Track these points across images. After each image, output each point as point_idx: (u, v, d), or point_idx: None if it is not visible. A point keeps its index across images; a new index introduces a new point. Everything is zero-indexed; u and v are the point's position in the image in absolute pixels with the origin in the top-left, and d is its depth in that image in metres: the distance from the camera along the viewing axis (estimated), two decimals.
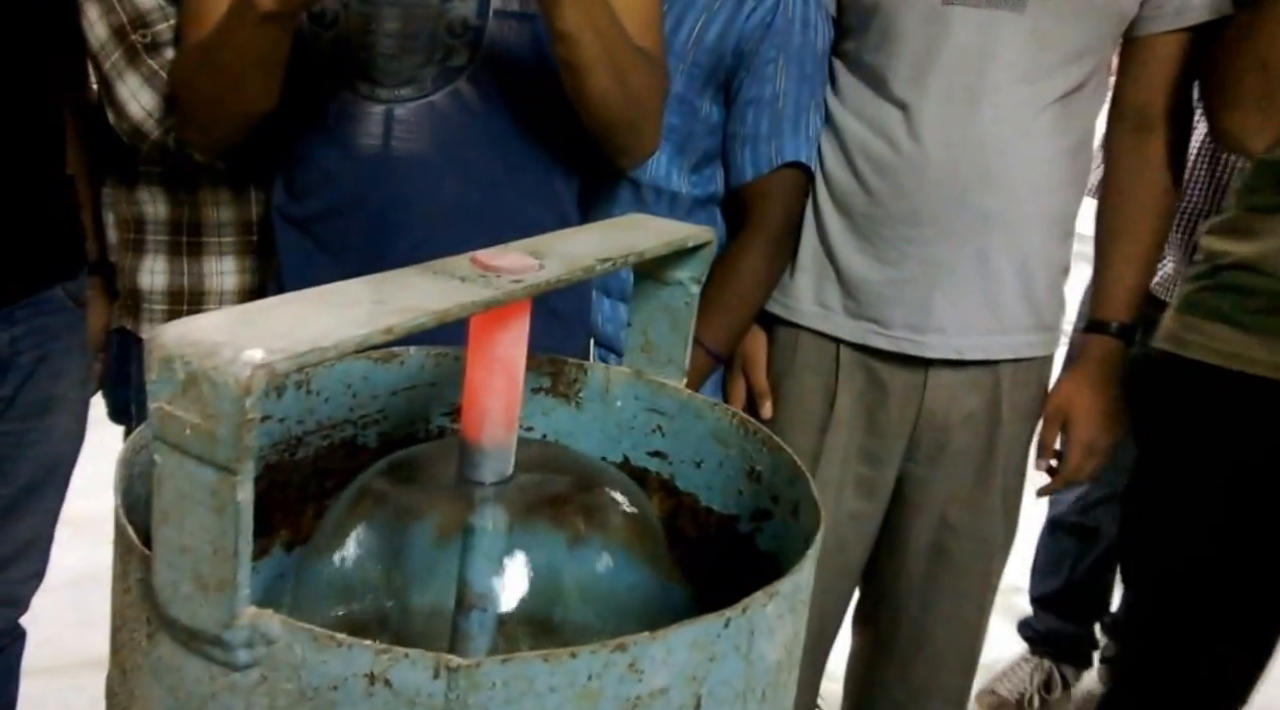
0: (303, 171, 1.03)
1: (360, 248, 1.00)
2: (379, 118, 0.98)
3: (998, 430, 1.26)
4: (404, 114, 0.98)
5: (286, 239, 1.06)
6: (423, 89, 0.98)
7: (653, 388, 0.67)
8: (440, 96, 0.98)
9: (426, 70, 0.97)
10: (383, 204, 0.99)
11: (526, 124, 1.01)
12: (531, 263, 0.48)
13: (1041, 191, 1.19)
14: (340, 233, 1.01)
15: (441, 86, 0.98)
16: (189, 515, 0.37)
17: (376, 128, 0.98)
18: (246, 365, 0.33)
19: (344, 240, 1.01)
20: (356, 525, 0.56)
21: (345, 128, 0.99)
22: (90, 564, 1.40)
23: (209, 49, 0.91)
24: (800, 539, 0.52)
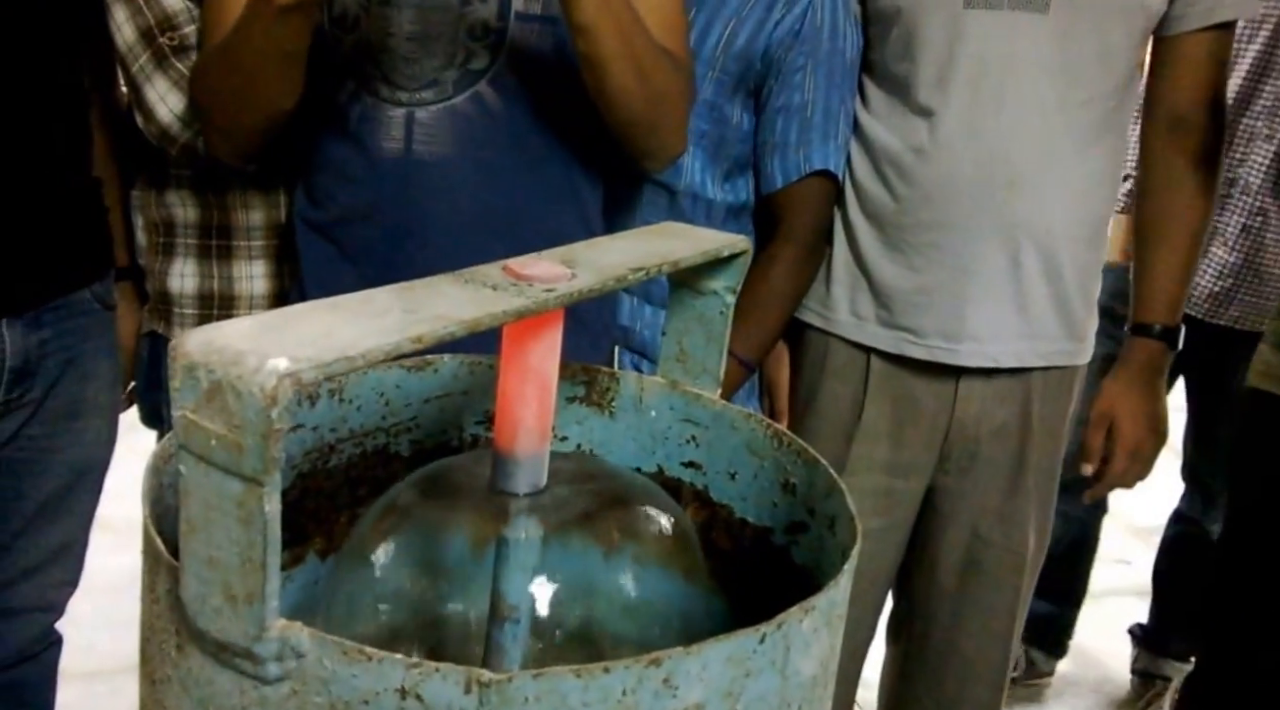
0: (324, 176, 1.03)
1: (382, 252, 1.01)
2: (400, 121, 0.98)
3: (1028, 441, 1.25)
4: (425, 117, 0.98)
5: (308, 244, 1.06)
6: (444, 92, 0.98)
7: (687, 398, 0.66)
8: (462, 100, 0.98)
9: (448, 73, 0.97)
10: (404, 208, 0.99)
11: (549, 127, 1.01)
12: (564, 271, 0.48)
13: (1072, 196, 1.18)
14: (361, 237, 1.01)
15: (463, 90, 0.98)
16: (216, 527, 0.36)
17: (398, 131, 0.98)
18: (272, 375, 0.33)
19: (365, 245, 1.01)
20: (390, 535, 0.56)
21: (366, 131, 0.99)
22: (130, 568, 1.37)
23: (229, 47, 0.91)
24: (837, 553, 0.51)
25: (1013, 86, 1.14)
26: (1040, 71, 1.13)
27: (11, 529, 1.14)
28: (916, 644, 1.34)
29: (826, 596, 0.42)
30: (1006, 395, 1.23)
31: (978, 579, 1.28)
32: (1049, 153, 1.15)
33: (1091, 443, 1.25)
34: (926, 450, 1.26)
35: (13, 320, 1.04)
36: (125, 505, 1.36)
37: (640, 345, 1.22)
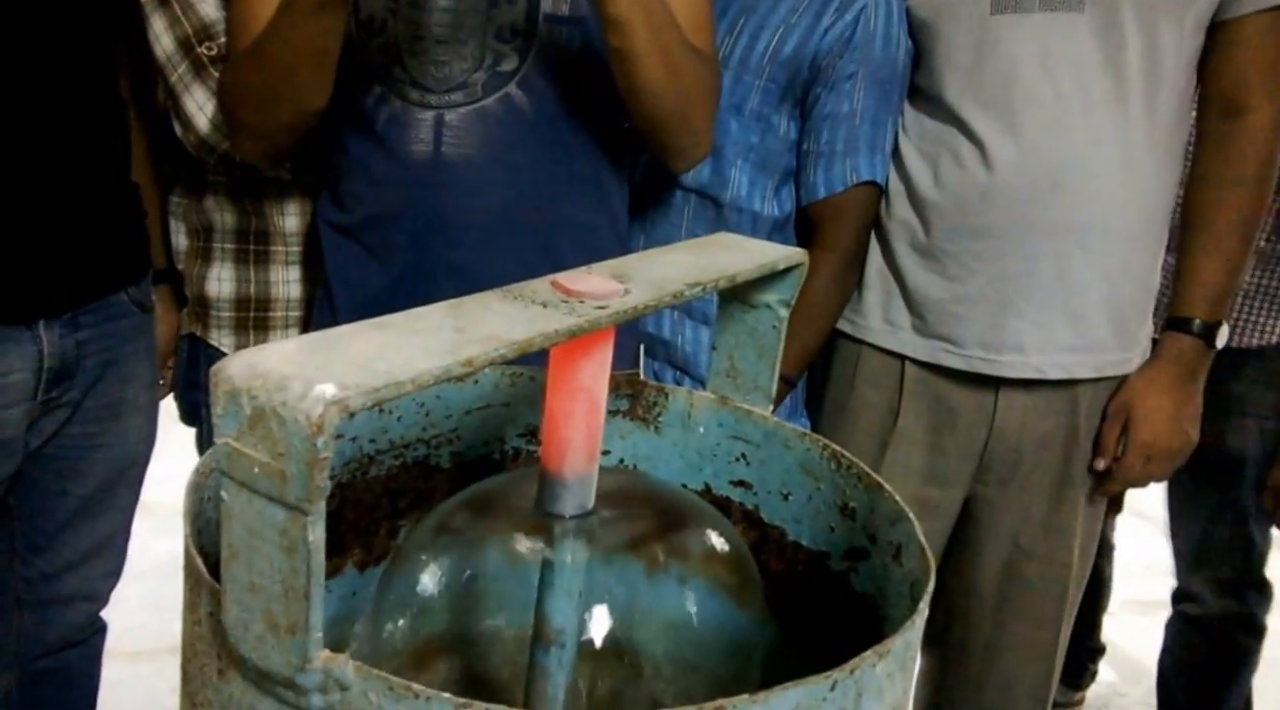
0: (350, 179, 1.03)
1: (410, 253, 1.00)
2: (429, 124, 0.97)
3: (1074, 452, 1.20)
4: (454, 120, 0.97)
5: (333, 247, 1.06)
6: (473, 94, 0.97)
7: (737, 414, 0.64)
8: (491, 102, 0.97)
9: (476, 75, 0.96)
10: (433, 210, 0.98)
11: (577, 128, 1.00)
12: (616, 287, 0.46)
13: (1126, 196, 1.13)
14: (390, 239, 1.00)
15: (492, 92, 0.97)
16: (257, 554, 0.35)
17: (427, 134, 0.97)
18: (318, 402, 0.31)
19: (393, 247, 1.00)
20: (436, 554, 0.55)
21: (394, 134, 0.98)
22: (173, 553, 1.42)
23: (262, 46, 0.90)
24: (905, 584, 0.49)
25: (1050, 88, 1.09)
26: (1080, 70, 1.09)
27: (56, 523, 1.17)
28: (955, 654, 1.30)
29: (902, 639, 0.40)
30: (1051, 406, 1.19)
31: (1020, 591, 1.24)
32: (1096, 153, 1.11)
33: (1106, 436, 1.20)
34: (965, 460, 1.22)
35: (50, 322, 1.05)
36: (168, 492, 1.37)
37: (682, 361, 1.19)
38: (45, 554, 1.18)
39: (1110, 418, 1.20)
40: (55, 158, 1.02)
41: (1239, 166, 1.14)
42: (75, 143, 1.05)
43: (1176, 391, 1.17)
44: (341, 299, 1.06)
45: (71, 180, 1.05)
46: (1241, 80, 1.13)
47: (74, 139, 1.04)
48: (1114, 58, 1.09)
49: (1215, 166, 1.15)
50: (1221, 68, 1.14)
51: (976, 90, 1.12)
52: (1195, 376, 1.18)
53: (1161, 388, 1.17)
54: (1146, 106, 1.12)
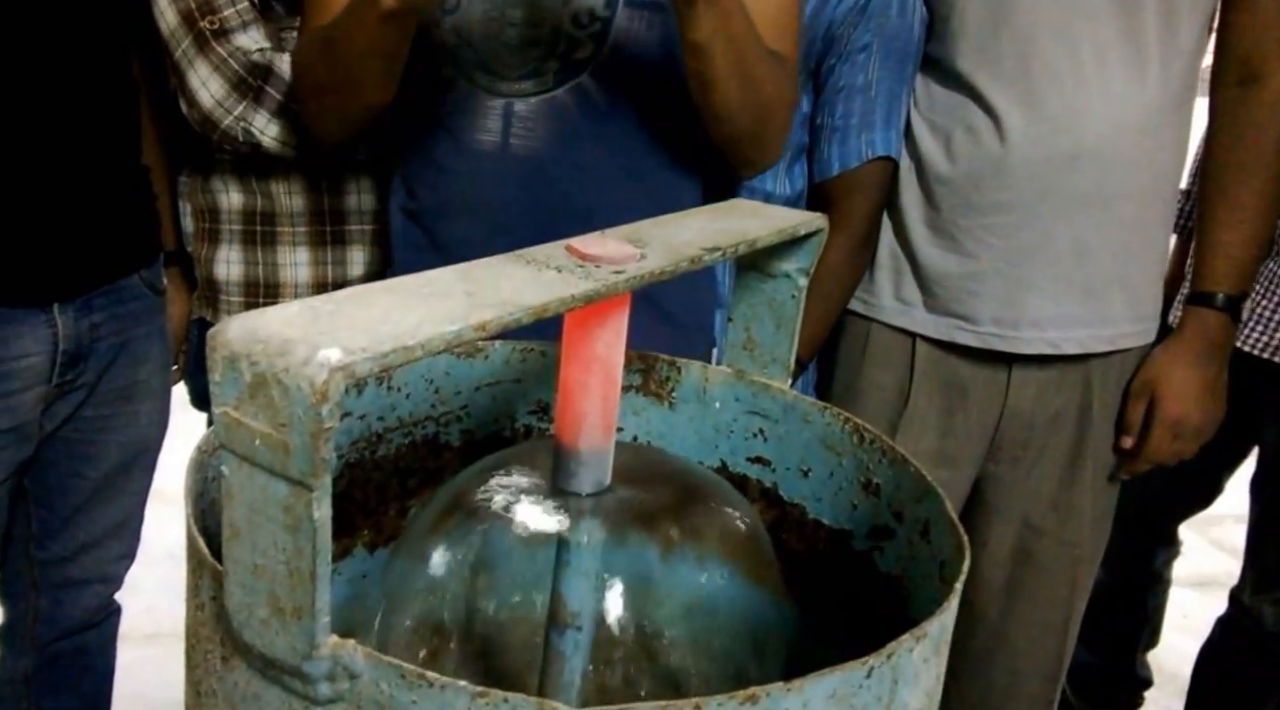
0: (418, 164, 1.00)
1: (473, 244, 0.96)
2: (498, 113, 0.93)
3: (1088, 428, 1.18)
4: (524, 110, 0.93)
5: (399, 232, 1.03)
6: (544, 84, 0.92)
7: (755, 389, 0.62)
8: (563, 92, 0.92)
9: (549, 64, 0.92)
10: (499, 202, 0.94)
11: (651, 124, 0.95)
12: (632, 252, 0.44)
13: (1139, 168, 1.11)
14: (454, 228, 0.97)
15: (564, 81, 0.92)
16: (260, 532, 0.33)
17: (495, 123, 0.93)
18: (322, 367, 0.29)
19: (457, 236, 0.97)
20: (447, 533, 0.53)
21: (462, 123, 0.95)
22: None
23: (329, 42, 0.88)
24: (935, 564, 0.47)
25: (1068, 58, 1.07)
26: (1098, 39, 1.06)
27: (71, 505, 1.17)
28: (963, 634, 1.28)
29: (938, 622, 0.38)
30: (1065, 381, 1.17)
31: (1030, 571, 1.22)
32: (1115, 124, 1.08)
33: (1131, 414, 1.17)
34: (977, 439, 1.20)
35: (64, 305, 1.05)
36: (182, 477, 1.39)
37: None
38: (60, 537, 1.18)
39: (1134, 395, 1.18)
40: (67, 141, 1.02)
41: (1256, 137, 1.11)
42: (86, 126, 1.04)
43: (1204, 367, 1.15)
44: None
45: (83, 163, 1.04)
46: (1258, 46, 1.10)
47: (85, 122, 1.04)
48: (1131, 25, 1.07)
49: (1231, 137, 1.13)
50: (1237, 34, 1.11)
51: (992, 61, 1.09)
52: (1222, 350, 1.16)
53: (1188, 363, 1.15)
54: (1162, 73, 1.09)
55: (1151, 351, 1.19)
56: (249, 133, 1.06)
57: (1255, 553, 1.63)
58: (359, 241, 1.21)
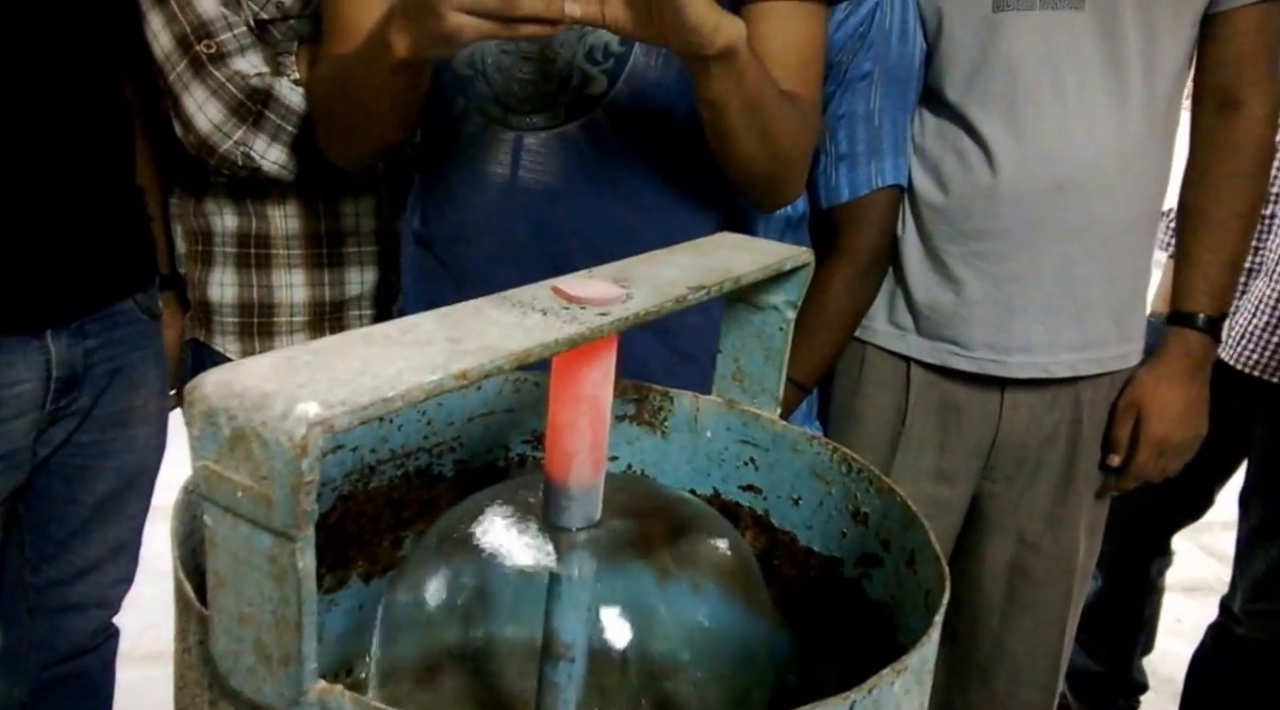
0: (432, 192, 1.00)
1: (482, 275, 0.96)
2: (509, 145, 0.93)
3: (1079, 447, 1.21)
4: (534, 143, 0.92)
5: (411, 257, 1.03)
6: (556, 118, 0.92)
7: (745, 418, 0.62)
8: (574, 127, 0.92)
9: (561, 98, 0.91)
10: (508, 234, 0.94)
11: (664, 160, 0.94)
12: (618, 292, 0.44)
13: (1126, 194, 1.13)
14: (464, 257, 0.97)
15: (576, 116, 0.91)
16: (245, 582, 0.33)
17: (505, 156, 0.93)
18: (300, 422, 0.30)
19: (467, 265, 0.97)
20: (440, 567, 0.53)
21: (474, 153, 0.94)
22: None
23: (345, 77, 0.87)
24: (919, 593, 0.47)
25: (1054, 86, 1.08)
26: (1082, 69, 1.08)
27: (67, 531, 1.17)
28: (964, 645, 1.31)
29: (919, 654, 0.38)
30: (1056, 402, 1.19)
31: (1026, 585, 1.25)
32: (1100, 152, 1.10)
33: (1117, 433, 1.20)
34: (972, 458, 1.22)
35: (57, 331, 1.04)
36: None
37: None
38: (56, 562, 1.18)
39: (1120, 414, 1.20)
40: (61, 165, 1.02)
41: (1235, 161, 1.14)
42: (81, 149, 1.04)
43: (1187, 385, 1.17)
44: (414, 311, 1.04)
45: (78, 188, 1.04)
46: (1236, 73, 1.13)
47: (79, 146, 1.04)
48: (1114, 54, 1.09)
49: (1212, 161, 1.15)
50: (1216, 61, 1.14)
51: (980, 89, 1.11)
52: (1203, 369, 1.18)
53: (1171, 383, 1.17)
54: (1145, 100, 1.11)
55: (1136, 372, 1.20)
56: (249, 157, 1.07)
57: (1244, 564, 1.65)
58: (356, 263, 1.21)
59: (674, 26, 0.71)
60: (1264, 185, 1.16)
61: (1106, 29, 1.08)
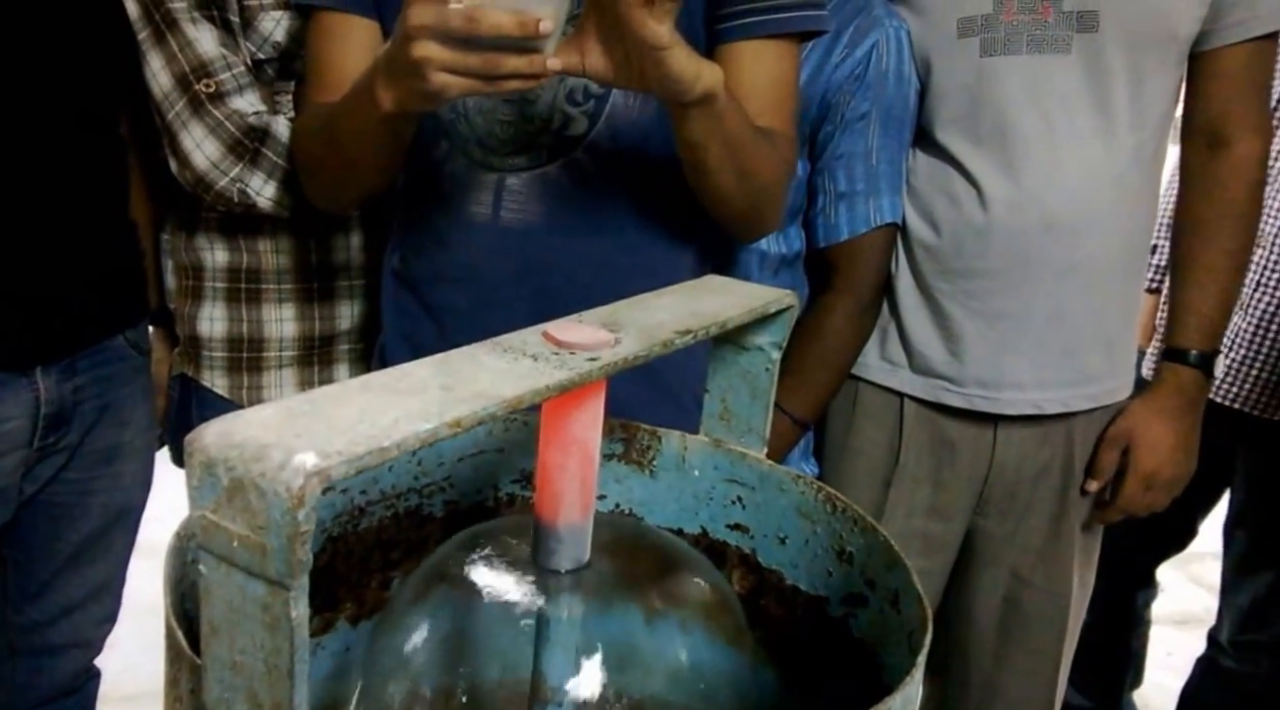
0: (414, 232, 1.01)
1: (465, 313, 0.97)
2: (490, 186, 0.94)
3: (1071, 482, 1.21)
4: (516, 184, 0.93)
5: (390, 295, 1.04)
6: (537, 158, 0.93)
7: (732, 457, 0.63)
8: (555, 167, 0.93)
9: (543, 139, 0.93)
10: (490, 273, 0.95)
11: (645, 198, 0.95)
12: (606, 337, 0.45)
13: (1113, 232, 1.14)
14: (446, 298, 0.98)
15: (558, 156, 0.93)
16: (239, 630, 0.33)
17: (487, 196, 0.94)
18: (298, 473, 0.30)
19: (449, 306, 0.98)
20: (428, 608, 0.53)
21: (457, 194, 0.95)
22: None
23: (332, 128, 0.88)
24: (903, 633, 0.48)
25: (1042, 128, 1.10)
26: (1070, 111, 1.10)
27: (51, 569, 1.16)
28: (957, 681, 1.30)
29: (903, 694, 0.39)
30: (1049, 437, 1.20)
31: (1020, 621, 1.24)
32: (1086, 190, 1.12)
33: (1101, 461, 1.20)
34: (966, 494, 1.23)
35: (47, 368, 1.04)
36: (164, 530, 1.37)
37: None
38: (38, 602, 1.17)
39: (1107, 443, 1.20)
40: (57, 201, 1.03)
41: (1225, 199, 1.15)
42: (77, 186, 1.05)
43: (1179, 422, 1.18)
44: (394, 351, 1.04)
45: (72, 224, 1.05)
46: (1224, 112, 1.14)
47: (76, 182, 1.04)
48: (1101, 95, 1.10)
49: (1203, 199, 1.16)
50: (1204, 100, 1.16)
51: (971, 131, 1.13)
52: (1195, 407, 1.18)
53: (1164, 419, 1.17)
54: (1132, 139, 1.13)
55: (1128, 404, 1.21)
56: (245, 193, 1.08)
57: (1230, 596, 1.65)
58: (346, 297, 1.22)
59: (655, 75, 0.72)
60: (1254, 223, 1.17)
61: (1093, 71, 1.09)
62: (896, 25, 1.10)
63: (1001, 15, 1.09)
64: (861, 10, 1.09)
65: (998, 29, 1.10)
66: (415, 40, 0.69)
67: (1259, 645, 1.61)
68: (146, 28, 1.09)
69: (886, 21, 1.09)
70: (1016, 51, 1.09)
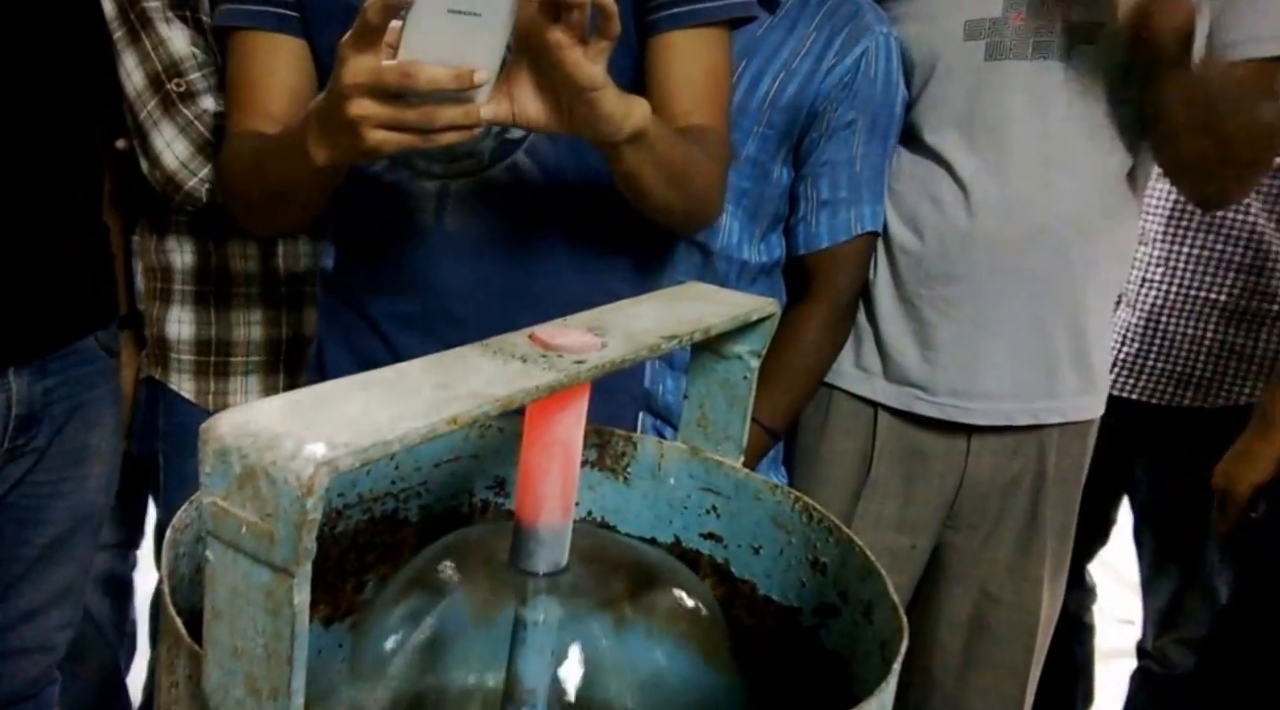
0: (354, 242, 1.01)
1: (407, 321, 0.98)
2: (432, 193, 0.94)
3: (1042, 496, 1.21)
4: (459, 189, 0.94)
5: (330, 305, 1.04)
6: (479, 163, 0.94)
7: (708, 466, 0.64)
8: (498, 171, 0.94)
9: (484, 144, 0.93)
10: (432, 280, 0.95)
11: (585, 197, 0.96)
12: (593, 341, 0.46)
13: (1096, 246, 1.15)
14: (392, 308, 0.98)
15: (499, 160, 0.94)
16: (241, 615, 0.34)
17: (429, 203, 0.95)
18: (309, 462, 0.31)
19: (390, 312, 0.98)
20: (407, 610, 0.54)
21: (399, 203, 0.96)
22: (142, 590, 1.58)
23: (259, 167, 0.87)
24: (875, 643, 0.49)
25: (1039, 137, 1.11)
26: (1066, 120, 1.11)
27: (14, 573, 1.14)
28: (918, 700, 1.29)
29: (876, 701, 0.40)
30: (1020, 449, 1.20)
31: (986, 639, 1.24)
32: (1077, 204, 1.13)
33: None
34: (936, 506, 1.23)
35: (19, 369, 1.03)
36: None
37: (663, 409, 1.17)
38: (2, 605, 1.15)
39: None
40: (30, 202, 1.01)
41: None
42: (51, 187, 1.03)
43: None
44: (335, 362, 1.03)
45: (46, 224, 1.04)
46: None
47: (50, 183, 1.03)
48: (1093, 113, 1.11)
49: None
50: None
51: (967, 135, 1.13)
52: None
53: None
54: (1123, 155, 1.14)
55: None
56: (214, 194, 1.08)
57: (1149, 598, 1.68)
58: (314, 302, 1.22)
59: (586, 118, 0.73)
60: None
61: (1090, 83, 1.10)
62: (886, 32, 1.10)
63: (1010, 20, 1.10)
64: (853, 17, 1.10)
65: (1005, 33, 1.10)
66: (350, 99, 0.68)
67: (1182, 642, 1.60)
68: (122, 27, 1.09)
69: (877, 28, 1.10)
70: (1021, 57, 1.10)
